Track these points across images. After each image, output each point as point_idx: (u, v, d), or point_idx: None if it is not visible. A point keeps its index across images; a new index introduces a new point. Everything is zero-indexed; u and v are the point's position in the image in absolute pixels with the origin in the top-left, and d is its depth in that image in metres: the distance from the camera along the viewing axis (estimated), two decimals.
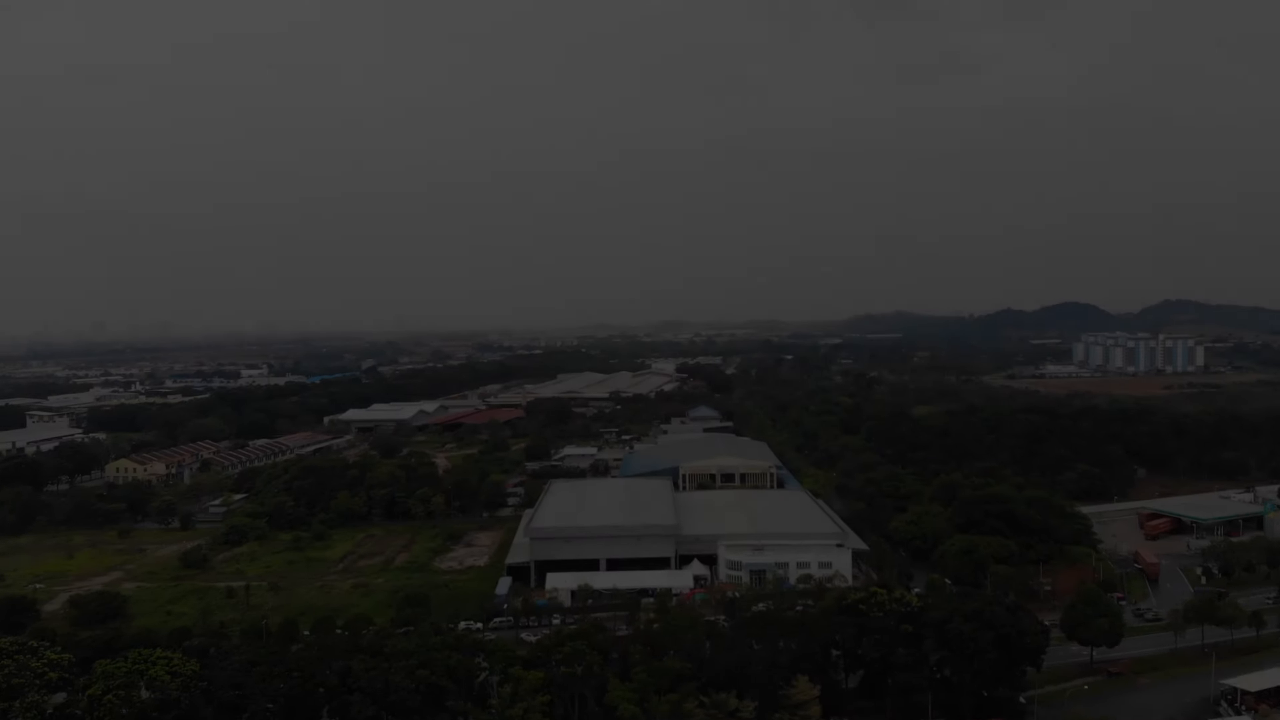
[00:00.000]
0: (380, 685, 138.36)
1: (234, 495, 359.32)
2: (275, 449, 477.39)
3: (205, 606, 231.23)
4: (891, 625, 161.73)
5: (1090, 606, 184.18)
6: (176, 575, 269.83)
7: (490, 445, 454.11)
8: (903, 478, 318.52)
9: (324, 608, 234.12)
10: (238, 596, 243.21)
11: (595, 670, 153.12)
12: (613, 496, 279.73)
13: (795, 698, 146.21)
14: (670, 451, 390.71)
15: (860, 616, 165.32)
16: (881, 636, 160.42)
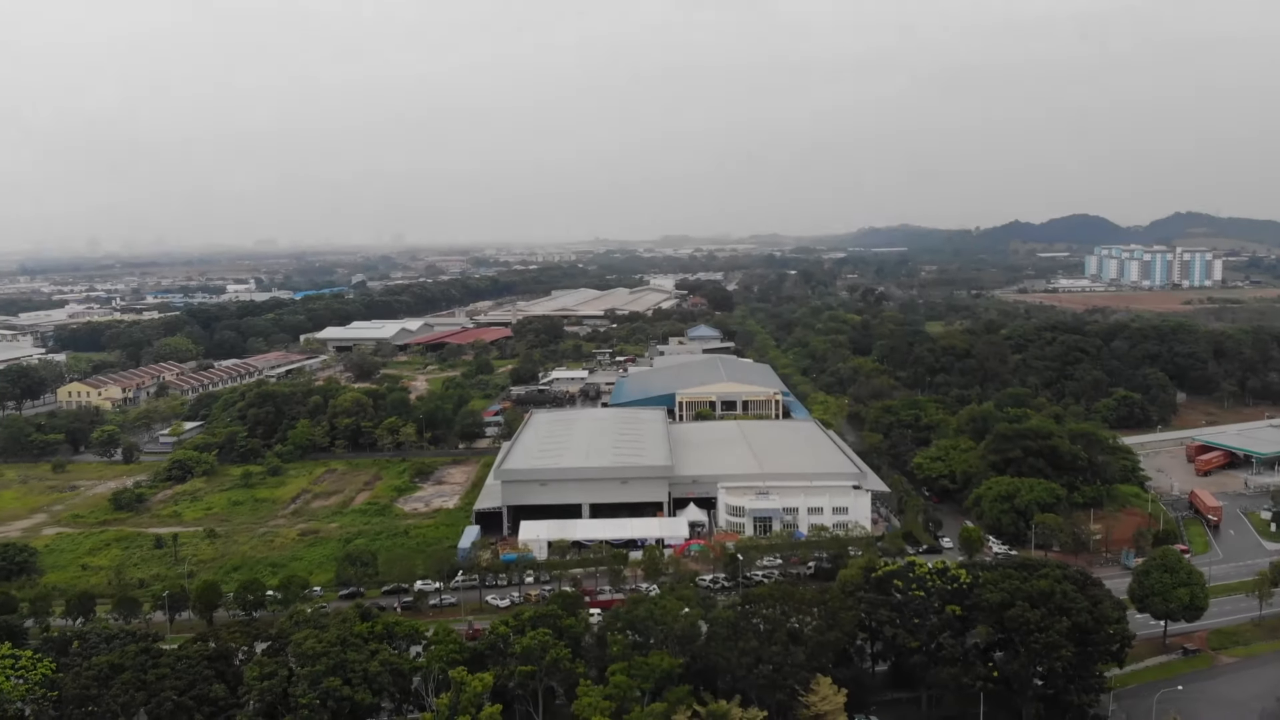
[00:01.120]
0: (275, 698, 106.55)
1: (184, 425, 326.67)
2: (243, 370, 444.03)
3: (122, 562, 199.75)
4: (934, 607, 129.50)
5: (1168, 573, 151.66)
6: (105, 519, 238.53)
7: (474, 367, 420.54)
8: (924, 405, 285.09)
9: (262, 562, 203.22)
10: (167, 547, 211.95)
11: (563, 666, 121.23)
12: (599, 431, 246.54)
13: (816, 706, 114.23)
14: (666, 376, 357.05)
15: (894, 595, 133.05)
16: (922, 621, 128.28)
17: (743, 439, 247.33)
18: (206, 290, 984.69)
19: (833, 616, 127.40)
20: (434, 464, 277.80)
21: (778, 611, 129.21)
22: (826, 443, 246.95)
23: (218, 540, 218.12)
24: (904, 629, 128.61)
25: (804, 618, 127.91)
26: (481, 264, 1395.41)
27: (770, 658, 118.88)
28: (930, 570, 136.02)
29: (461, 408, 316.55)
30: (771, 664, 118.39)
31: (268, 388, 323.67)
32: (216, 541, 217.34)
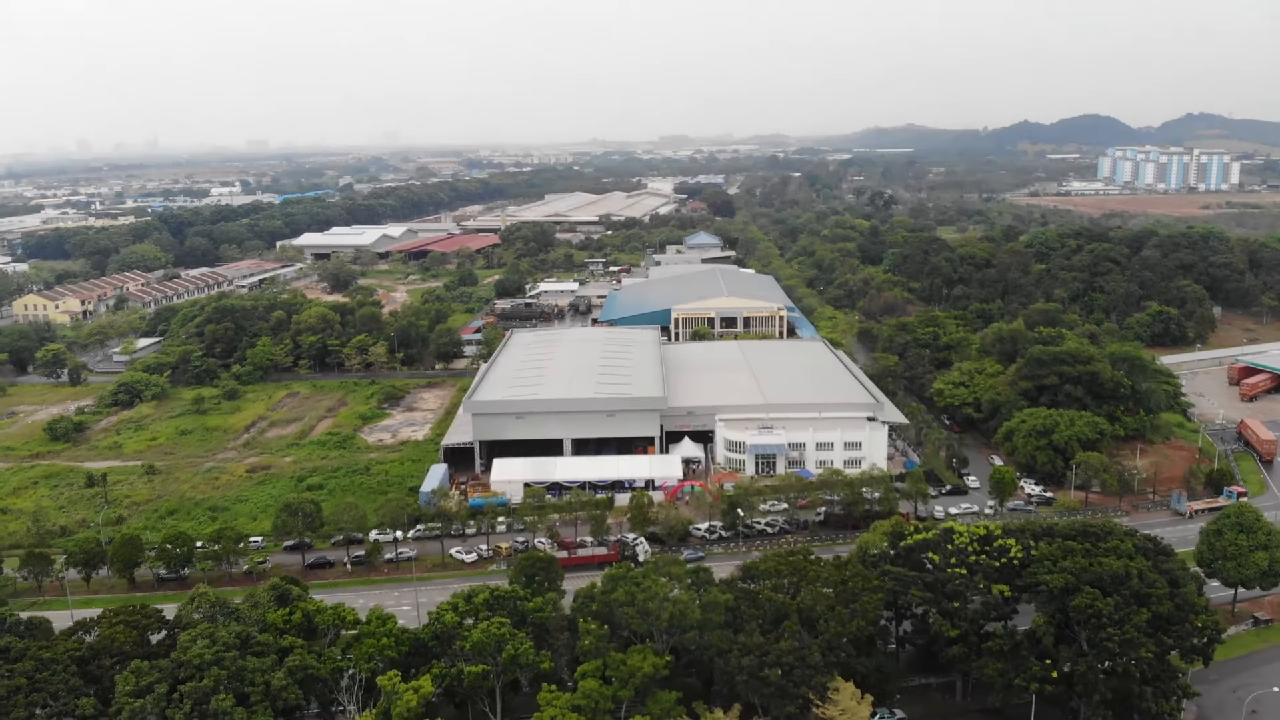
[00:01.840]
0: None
1: (137, 342, 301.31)
2: (212, 280, 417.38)
3: (39, 510, 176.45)
4: (978, 586, 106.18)
5: (1244, 534, 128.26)
6: (38, 451, 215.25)
7: (456, 278, 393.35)
8: (942, 322, 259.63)
9: (201, 505, 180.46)
10: (99, 487, 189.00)
11: (524, 662, 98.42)
12: (585, 355, 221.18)
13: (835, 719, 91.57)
14: (662, 289, 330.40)
15: (929, 571, 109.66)
16: (962, 605, 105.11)
17: (744, 363, 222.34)
18: (190, 194, 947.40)
19: (853, 598, 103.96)
20: (405, 387, 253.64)
21: (786, 592, 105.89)
22: (837, 367, 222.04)
23: (156, 478, 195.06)
24: (941, 613, 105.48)
25: (817, 599, 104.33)
26: (474, 165, 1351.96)
27: (778, 657, 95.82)
28: (971, 537, 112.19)
29: (439, 324, 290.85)
30: (780, 664, 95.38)
31: (227, 301, 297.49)
32: (155, 479, 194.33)
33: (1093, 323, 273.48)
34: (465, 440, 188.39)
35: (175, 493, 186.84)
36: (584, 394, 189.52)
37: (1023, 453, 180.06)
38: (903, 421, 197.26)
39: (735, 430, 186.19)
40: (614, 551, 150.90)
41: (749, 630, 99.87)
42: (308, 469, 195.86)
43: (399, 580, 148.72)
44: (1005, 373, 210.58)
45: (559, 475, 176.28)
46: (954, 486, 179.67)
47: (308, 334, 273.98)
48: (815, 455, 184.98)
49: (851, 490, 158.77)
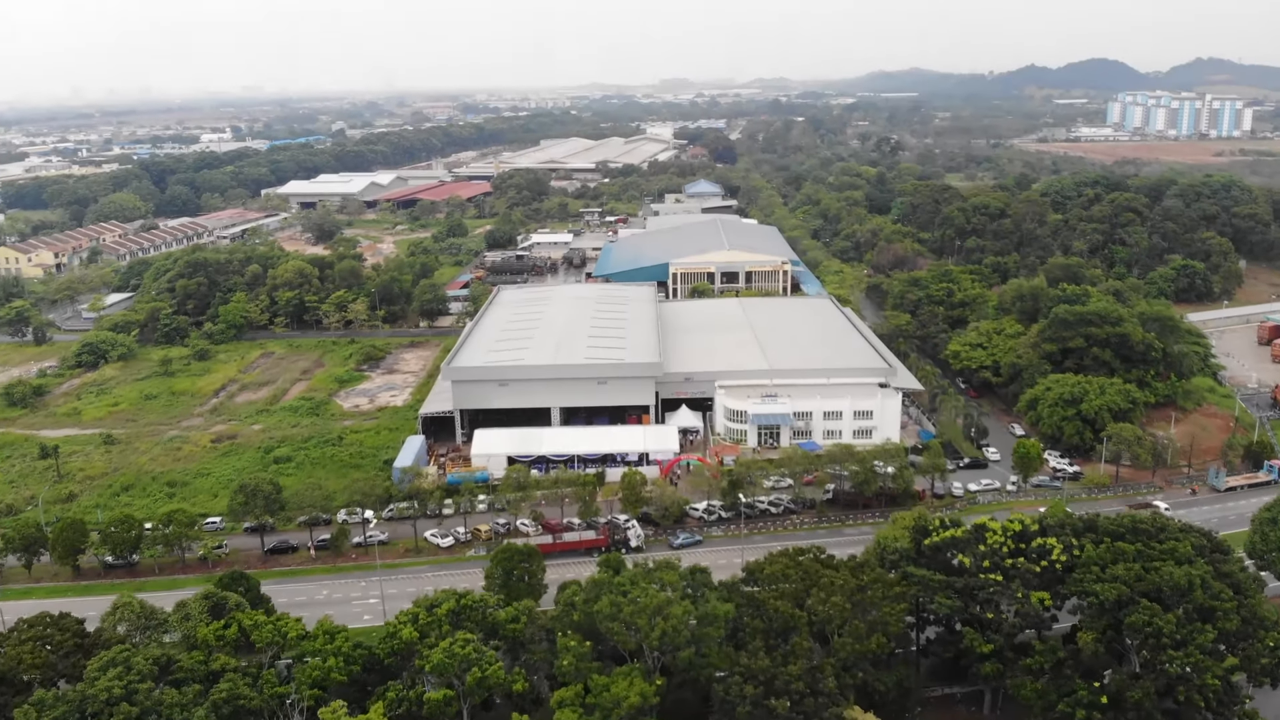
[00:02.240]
0: None
1: (105, 299, 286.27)
2: (192, 231, 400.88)
3: None
4: (1014, 594, 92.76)
5: None
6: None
7: (445, 228, 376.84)
8: (957, 277, 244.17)
9: (159, 479, 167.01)
10: (52, 459, 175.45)
11: (492, 683, 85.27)
12: (576, 315, 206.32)
13: None
14: (660, 241, 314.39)
15: (957, 574, 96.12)
16: (997, 617, 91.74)
17: (746, 323, 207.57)
18: (179, 140, 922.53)
19: (872, 608, 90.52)
20: (386, 347, 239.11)
21: (791, 601, 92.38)
22: (845, 327, 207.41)
23: (114, 449, 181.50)
24: (973, 624, 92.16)
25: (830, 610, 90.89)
26: (470, 110, 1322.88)
27: (786, 683, 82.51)
28: (1006, 534, 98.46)
29: (424, 279, 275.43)
30: (789, 693, 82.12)
31: (201, 254, 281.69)
32: (112, 450, 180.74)
33: (1114, 277, 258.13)
34: (445, 409, 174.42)
35: (132, 466, 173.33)
36: (573, 359, 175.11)
37: (1048, 423, 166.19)
38: (917, 388, 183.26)
39: (736, 398, 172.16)
40: (603, 536, 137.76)
41: (752, 648, 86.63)
42: (276, 439, 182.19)
43: (367, 568, 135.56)
44: (1027, 334, 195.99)
45: (545, 448, 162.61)
46: (973, 460, 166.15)
47: (284, 289, 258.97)
48: (823, 425, 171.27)
49: (863, 467, 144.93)
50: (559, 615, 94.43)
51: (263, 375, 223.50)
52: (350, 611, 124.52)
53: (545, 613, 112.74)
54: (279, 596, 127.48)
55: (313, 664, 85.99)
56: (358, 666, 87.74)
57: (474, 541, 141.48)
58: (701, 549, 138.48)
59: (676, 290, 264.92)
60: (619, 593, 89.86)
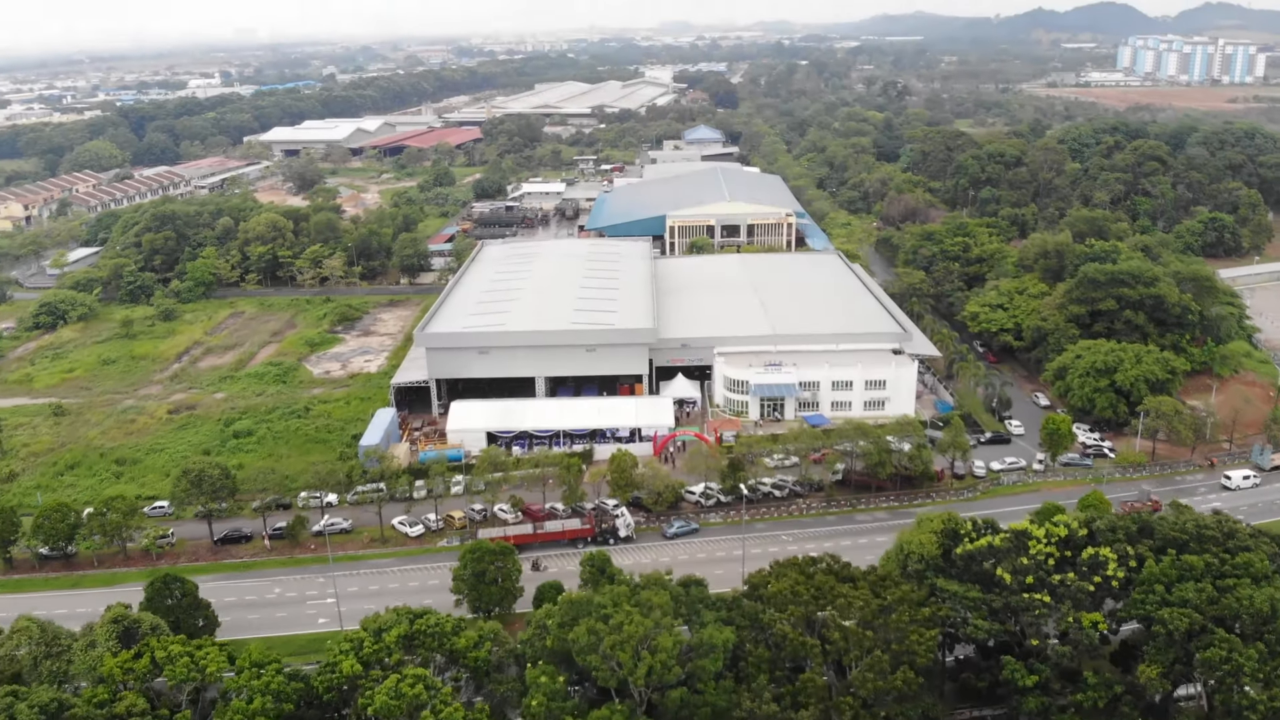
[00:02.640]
0: None
1: (67, 255, 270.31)
2: (168, 180, 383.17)
3: None
4: (1063, 615, 79.15)
5: None
6: None
7: (432, 177, 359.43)
8: (973, 230, 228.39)
9: (108, 456, 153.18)
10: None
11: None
12: (564, 274, 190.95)
13: None
14: (657, 192, 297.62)
15: (995, 590, 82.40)
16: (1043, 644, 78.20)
17: (748, 282, 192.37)
18: (166, 86, 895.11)
19: (897, 635, 76.92)
20: (363, 307, 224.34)
21: (802, 624, 78.78)
22: (855, 286, 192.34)
23: (63, 420, 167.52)
24: (1012, 649, 78.69)
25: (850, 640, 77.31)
26: (465, 54, 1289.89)
27: None
28: (1048, 540, 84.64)
29: (406, 231, 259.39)
30: None
31: (169, 207, 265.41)
32: (61, 422, 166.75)
33: (1138, 231, 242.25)
34: (418, 380, 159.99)
35: (81, 440, 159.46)
36: (559, 324, 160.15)
37: (1078, 395, 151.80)
38: (933, 354, 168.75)
39: (737, 367, 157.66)
40: (589, 524, 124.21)
41: (757, 686, 73.21)
42: (239, 409, 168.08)
43: (324, 561, 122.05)
44: (1052, 294, 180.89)
45: (529, 423, 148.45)
46: (995, 434, 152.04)
47: (256, 244, 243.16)
48: (831, 396, 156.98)
49: (877, 446, 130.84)
50: (530, 639, 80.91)
51: (230, 337, 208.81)
52: (303, 614, 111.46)
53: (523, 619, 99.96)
54: (225, 595, 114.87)
55: (235, 706, 72.49)
56: (290, 705, 74.39)
57: (446, 530, 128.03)
58: (698, 539, 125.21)
59: (674, 244, 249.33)
60: (599, 617, 76.25)
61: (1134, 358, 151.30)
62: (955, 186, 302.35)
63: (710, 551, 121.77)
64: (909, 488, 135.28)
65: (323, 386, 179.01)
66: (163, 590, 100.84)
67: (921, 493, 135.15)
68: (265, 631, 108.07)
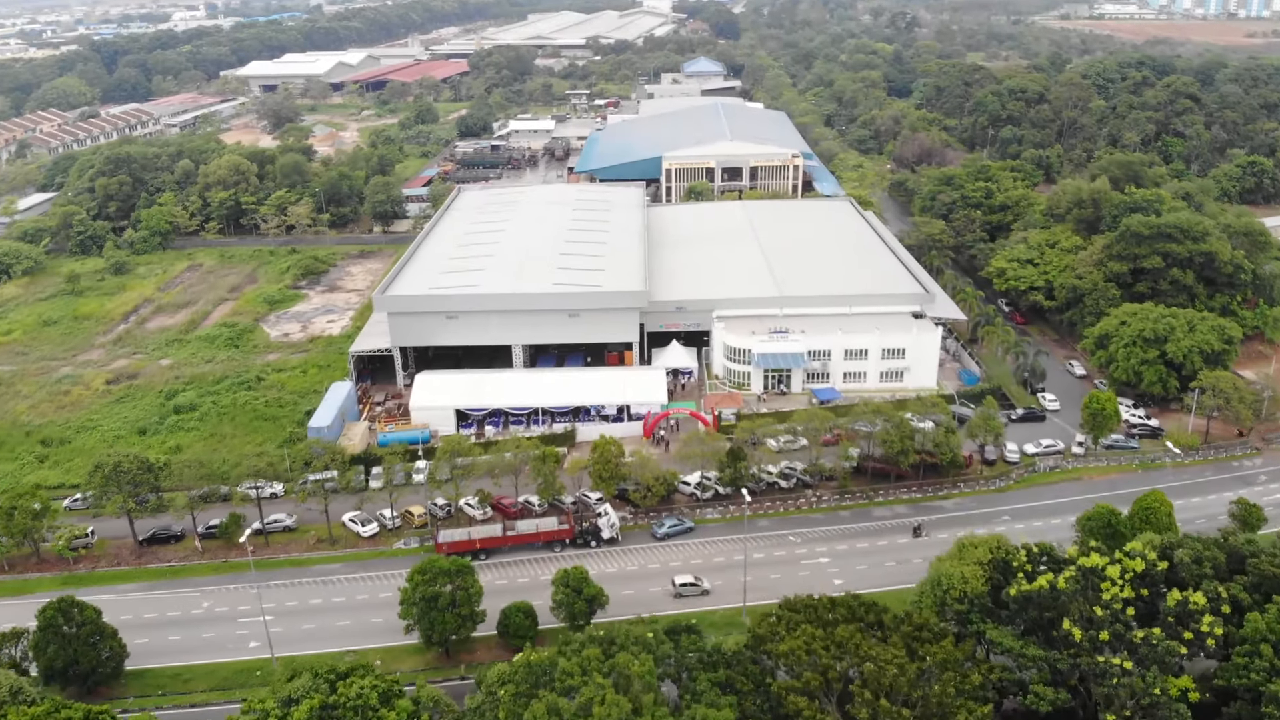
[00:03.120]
0: None
1: (17, 202, 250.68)
2: (137, 119, 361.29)
3: None
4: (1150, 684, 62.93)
5: None
6: None
7: (414, 114, 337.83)
8: (995, 174, 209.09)
9: (36, 434, 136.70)
10: None
11: None
12: (547, 226, 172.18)
13: None
14: (652, 130, 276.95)
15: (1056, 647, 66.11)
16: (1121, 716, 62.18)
17: (751, 234, 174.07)
18: (150, 19, 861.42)
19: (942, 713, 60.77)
20: (330, 258, 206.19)
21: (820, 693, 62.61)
22: (870, 238, 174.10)
23: None
24: None
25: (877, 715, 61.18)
26: None
27: None
28: (1124, 579, 68.23)
29: (382, 174, 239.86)
30: None
31: (125, 148, 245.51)
32: None
33: (1173, 176, 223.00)
34: (379, 348, 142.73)
35: (8, 415, 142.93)
36: (539, 286, 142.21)
37: (1123, 367, 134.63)
38: (958, 317, 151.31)
39: (738, 333, 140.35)
40: (568, 523, 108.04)
41: None
42: (184, 379, 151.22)
43: (268, 565, 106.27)
44: (1088, 248, 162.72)
45: (504, 399, 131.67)
46: (1028, 411, 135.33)
47: (217, 189, 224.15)
48: (843, 366, 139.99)
49: (899, 432, 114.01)
50: (478, 709, 64.83)
51: (184, 294, 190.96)
52: (233, 636, 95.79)
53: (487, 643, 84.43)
54: (144, 611, 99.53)
55: None
56: None
57: (404, 528, 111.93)
58: (693, 539, 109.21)
59: (670, 189, 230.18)
60: (563, 690, 60.06)
61: (1186, 325, 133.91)
62: (973, 125, 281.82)
63: (707, 555, 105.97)
64: (933, 476, 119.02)
65: (279, 351, 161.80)
66: (57, 618, 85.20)
67: (947, 481, 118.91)
68: (185, 658, 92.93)
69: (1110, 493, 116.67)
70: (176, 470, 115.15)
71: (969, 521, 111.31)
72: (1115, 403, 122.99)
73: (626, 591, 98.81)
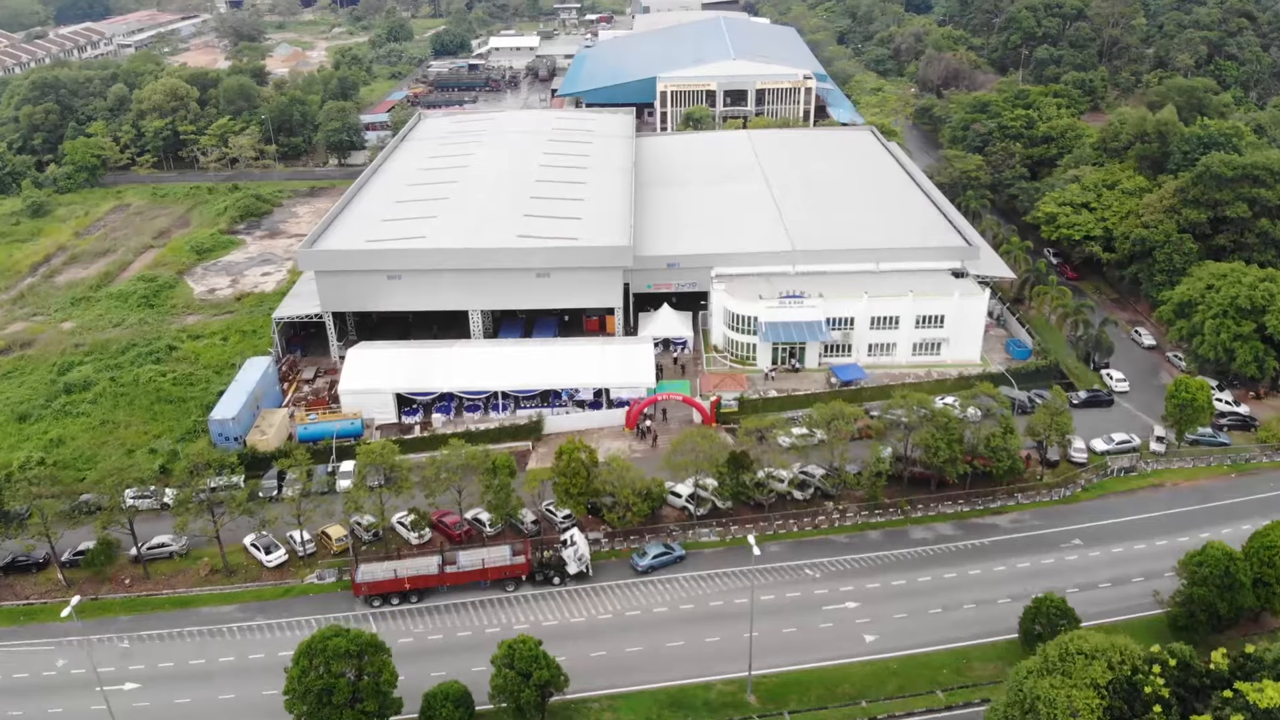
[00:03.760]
0: None
1: None
2: (85, 39, 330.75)
3: None
4: None
5: None
6: None
7: (386, 31, 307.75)
8: (1036, 100, 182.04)
9: None
10: None
11: None
12: (517, 162, 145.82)
13: None
14: (646, 47, 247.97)
15: None
16: None
17: (758, 172, 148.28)
18: None
19: None
20: (276, 197, 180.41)
21: None
22: (897, 176, 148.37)
23: None
24: None
25: None
26: None
27: None
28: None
29: (340, 99, 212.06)
30: None
31: (54, 72, 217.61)
32: None
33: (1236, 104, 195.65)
34: (307, 314, 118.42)
35: None
36: (501, 240, 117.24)
37: (1210, 343, 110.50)
38: (1006, 275, 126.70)
39: (741, 297, 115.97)
40: (524, 553, 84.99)
41: None
42: (85, 348, 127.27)
43: (145, 606, 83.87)
44: (1156, 191, 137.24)
45: (454, 379, 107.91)
46: (1092, 393, 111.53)
47: (153, 117, 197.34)
48: (868, 337, 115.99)
49: (947, 435, 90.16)
50: None
51: (104, 240, 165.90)
52: (85, 712, 73.49)
53: None
54: None
55: None
56: None
57: (320, 555, 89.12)
58: (683, 572, 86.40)
59: (667, 117, 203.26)
60: None
61: None
62: (1004, 44, 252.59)
63: (701, 598, 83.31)
64: (983, 483, 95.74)
65: (201, 313, 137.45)
66: None
67: (1002, 491, 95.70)
68: None
69: (1202, 505, 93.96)
70: (43, 475, 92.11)
71: (1029, 547, 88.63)
72: (1208, 392, 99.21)
73: (597, 653, 76.71)
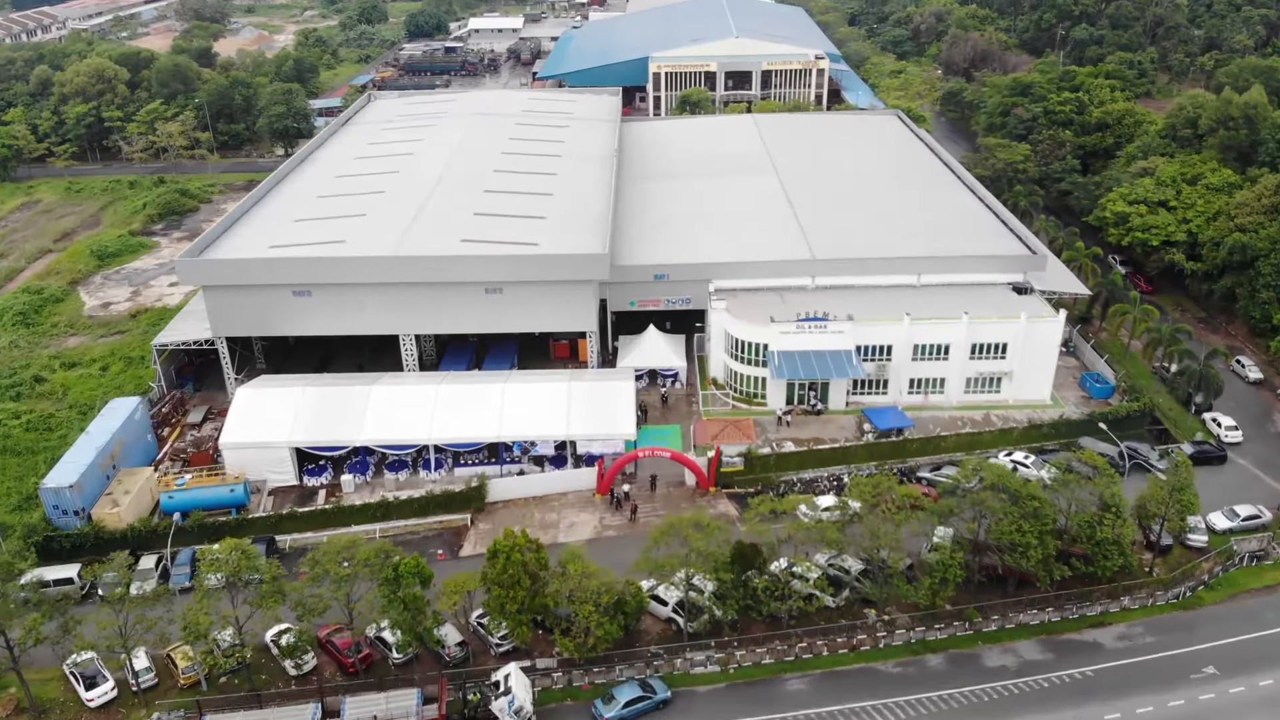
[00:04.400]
0: None
1: None
2: (36, 23, 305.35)
3: None
4: None
5: None
6: None
7: (358, 11, 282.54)
8: (1085, 82, 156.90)
9: None
10: None
11: None
12: (471, 153, 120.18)
13: None
14: (640, 24, 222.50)
15: None
16: None
17: (767, 163, 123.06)
18: None
19: None
20: (204, 193, 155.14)
21: None
22: (934, 169, 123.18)
23: None
24: None
25: None
26: None
27: None
28: None
29: (295, 81, 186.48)
30: None
31: None
32: None
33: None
34: (195, 339, 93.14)
35: None
36: (439, 246, 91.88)
37: None
38: (1080, 291, 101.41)
39: (747, 320, 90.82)
40: (438, 705, 59.98)
41: None
42: None
43: None
44: (1250, 187, 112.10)
45: (373, 430, 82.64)
46: (1199, 446, 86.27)
47: (76, 101, 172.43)
48: (909, 371, 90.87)
49: (1038, 524, 65.00)
50: None
51: (9, 240, 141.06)
52: None
53: None
54: None
55: None
56: None
57: (161, 689, 64.03)
58: None
59: (662, 100, 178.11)
60: None
61: None
62: (1036, 24, 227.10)
63: None
64: (1074, 579, 70.43)
65: (87, 333, 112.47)
66: None
67: (1102, 592, 70.51)
68: None
69: None
70: None
71: (1148, 679, 63.82)
72: None
73: None
